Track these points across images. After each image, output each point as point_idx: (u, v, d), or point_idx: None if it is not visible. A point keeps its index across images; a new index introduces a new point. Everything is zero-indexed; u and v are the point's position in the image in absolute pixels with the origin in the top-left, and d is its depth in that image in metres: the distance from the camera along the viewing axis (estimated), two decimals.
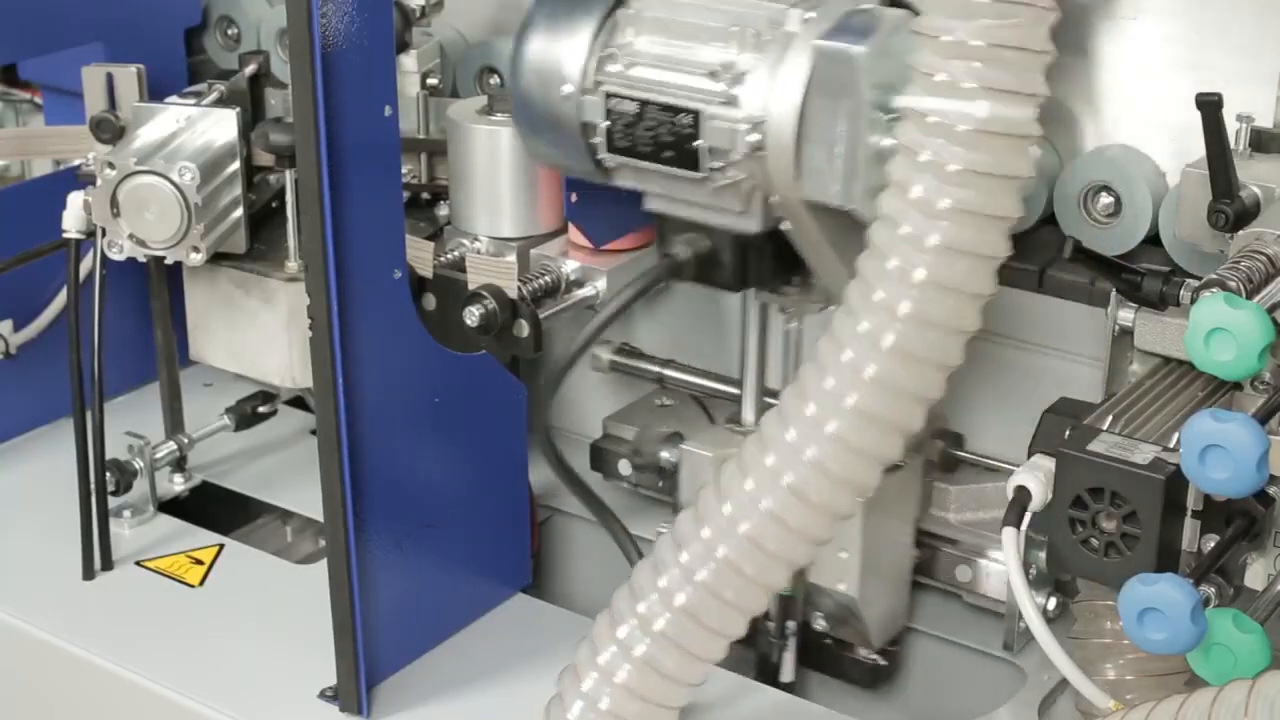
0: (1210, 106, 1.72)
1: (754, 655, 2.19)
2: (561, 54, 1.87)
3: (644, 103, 1.84)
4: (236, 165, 2.19)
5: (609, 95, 1.86)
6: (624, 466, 2.29)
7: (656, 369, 2.36)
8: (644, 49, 1.86)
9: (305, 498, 2.36)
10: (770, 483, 1.65)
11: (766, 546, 1.67)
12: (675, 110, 1.82)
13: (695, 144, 1.81)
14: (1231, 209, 1.75)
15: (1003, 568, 1.92)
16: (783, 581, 1.74)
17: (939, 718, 2.09)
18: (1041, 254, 2.08)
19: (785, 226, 1.86)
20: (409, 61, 2.36)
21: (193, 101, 2.23)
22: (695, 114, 1.81)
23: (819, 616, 2.16)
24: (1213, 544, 1.62)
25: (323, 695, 1.98)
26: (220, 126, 2.19)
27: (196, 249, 2.15)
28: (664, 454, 2.20)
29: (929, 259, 1.56)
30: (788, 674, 2.18)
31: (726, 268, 1.90)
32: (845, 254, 1.78)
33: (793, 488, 1.64)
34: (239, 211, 2.20)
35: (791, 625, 2.15)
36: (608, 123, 1.87)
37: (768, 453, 1.66)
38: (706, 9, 1.84)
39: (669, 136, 1.83)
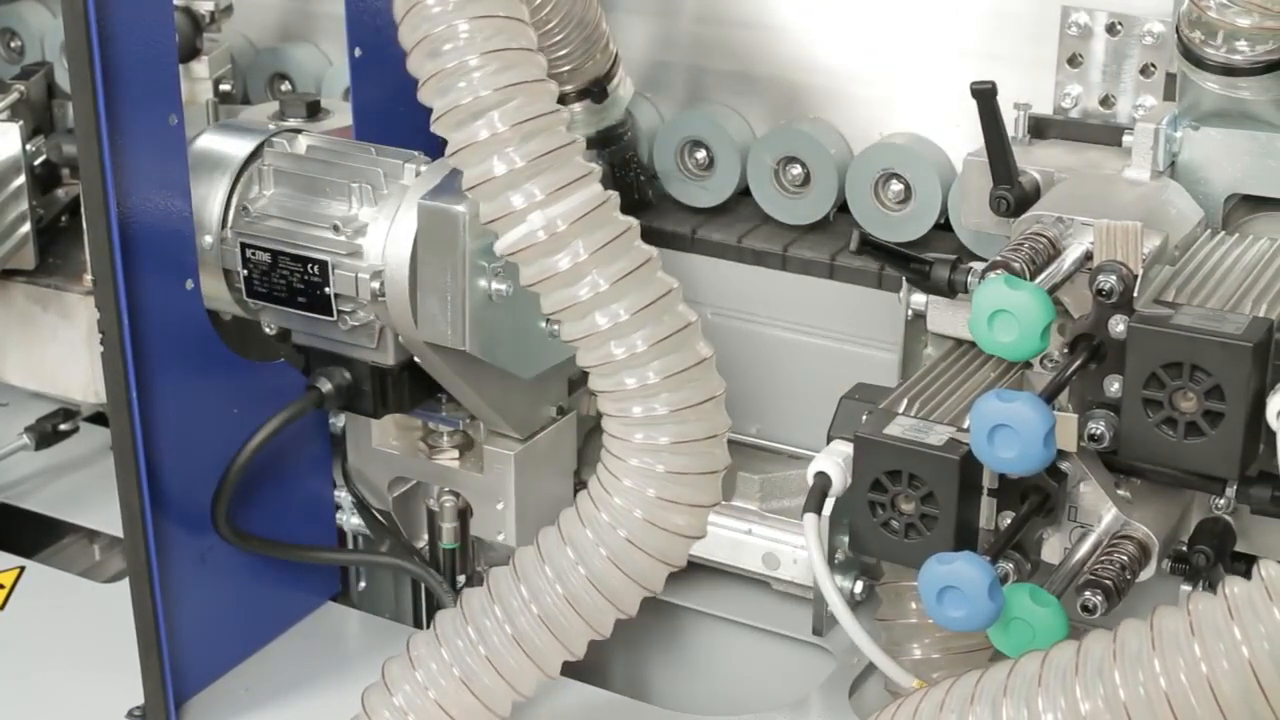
0: (984, 95, 1.75)
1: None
2: (203, 206, 1.96)
3: (276, 253, 1.94)
4: (21, 180, 2.14)
5: (244, 246, 1.96)
6: None
7: None
8: (275, 202, 1.97)
9: (111, 515, 2.27)
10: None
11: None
12: (305, 260, 1.92)
13: (325, 290, 1.92)
14: (1012, 194, 1.78)
15: (807, 554, 1.93)
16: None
17: (752, 703, 2.10)
18: (835, 241, 2.11)
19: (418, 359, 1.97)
20: (201, 68, 2.33)
21: None
22: (323, 264, 1.91)
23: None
24: (1009, 521, 1.65)
25: (130, 716, 1.95)
26: (2, 141, 2.15)
27: None
28: None
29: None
30: None
31: (368, 396, 2.02)
32: (475, 386, 1.95)
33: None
34: (26, 227, 2.16)
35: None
36: (245, 271, 1.96)
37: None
38: (330, 164, 1.95)
39: (301, 284, 1.94)
